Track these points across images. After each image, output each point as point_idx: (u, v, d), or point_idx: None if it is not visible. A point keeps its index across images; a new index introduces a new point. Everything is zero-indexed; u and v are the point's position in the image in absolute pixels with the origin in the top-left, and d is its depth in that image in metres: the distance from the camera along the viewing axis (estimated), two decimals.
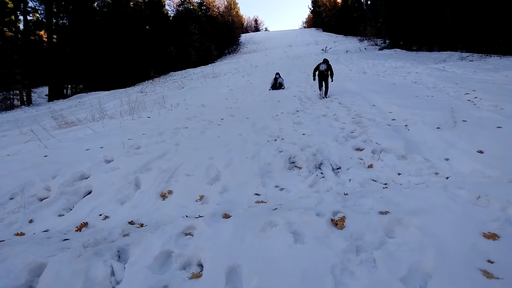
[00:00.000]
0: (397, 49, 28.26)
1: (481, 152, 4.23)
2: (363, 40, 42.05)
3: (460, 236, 2.36)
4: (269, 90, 13.18)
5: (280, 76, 13.49)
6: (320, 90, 10.22)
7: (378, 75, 13.64)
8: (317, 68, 10.23)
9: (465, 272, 2.02)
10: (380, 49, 31.18)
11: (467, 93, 7.75)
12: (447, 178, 3.80)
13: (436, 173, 3.98)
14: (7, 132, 10.12)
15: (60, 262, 2.31)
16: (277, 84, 13.22)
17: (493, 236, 2.32)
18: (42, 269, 2.29)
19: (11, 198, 4.04)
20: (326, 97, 9.94)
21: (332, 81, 10.35)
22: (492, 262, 2.09)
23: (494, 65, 13.09)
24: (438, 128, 5.31)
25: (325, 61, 10.23)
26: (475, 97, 7.19)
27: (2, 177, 4.56)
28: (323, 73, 9.96)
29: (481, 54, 17.57)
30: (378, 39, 37.33)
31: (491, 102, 6.48)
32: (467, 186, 3.20)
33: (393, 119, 6.38)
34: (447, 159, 4.28)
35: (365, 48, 33.97)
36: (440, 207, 2.78)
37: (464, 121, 5.38)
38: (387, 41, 33.94)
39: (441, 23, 24.22)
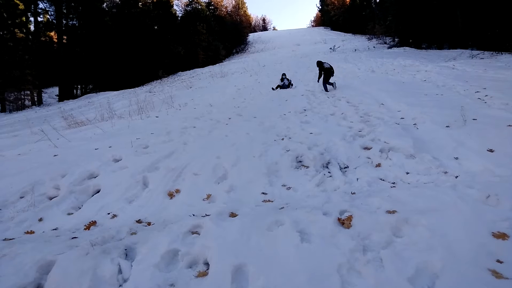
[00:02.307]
0: (406, 47, 27.92)
1: (491, 151, 4.16)
2: (372, 38, 41.71)
3: (469, 235, 2.33)
4: (273, 89, 13.16)
5: (286, 77, 13.47)
6: (327, 86, 11.04)
7: (387, 73, 13.51)
8: (321, 67, 11.09)
9: (474, 272, 2.00)
10: (389, 48, 30.84)
11: (477, 91, 7.63)
12: (456, 177, 3.75)
13: (445, 172, 3.93)
14: (18, 131, 10.27)
15: (69, 260, 2.34)
16: (283, 83, 13.19)
17: (502, 236, 2.28)
18: (51, 267, 2.32)
19: (21, 197, 4.09)
20: (336, 88, 10.93)
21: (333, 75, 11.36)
22: (501, 262, 2.06)
23: (505, 62, 12.88)
24: (447, 126, 5.24)
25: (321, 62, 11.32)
26: (486, 95, 7.08)
27: (13, 176, 4.62)
28: (329, 70, 10.92)
29: (492, 52, 17.30)
30: (387, 37, 36.96)
31: (502, 100, 6.38)
32: (477, 185, 3.15)
33: (401, 118, 6.32)
34: (456, 158, 4.22)
35: (374, 47, 33.65)
36: (449, 206, 2.74)
37: (474, 119, 5.30)
38: (396, 39, 33.60)
39: (451, 20, 23.90)
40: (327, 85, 11.07)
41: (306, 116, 7.38)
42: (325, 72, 10.98)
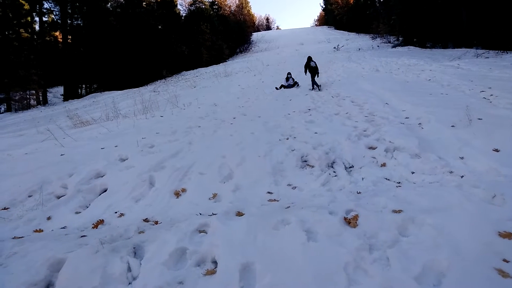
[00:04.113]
0: (411, 46, 27.83)
1: (497, 150, 4.16)
2: (376, 37, 41.63)
3: (474, 235, 2.34)
4: (277, 88, 13.17)
5: (291, 77, 13.50)
6: (312, 83, 11.85)
7: (391, 73, 13.48)
8: (308, 65, 12.03)
9: (480, 271, 2.01)
10: (393, 47, 30.75)
11: (482, 91, 7.60)
12: (462, 177, 3.75)
13: (451, 172, 3.93)
14: (24, 131, 10.35)
15: (79, 258, 2.38)
16: (288, 83, 13.23)
17: (508, 235, 2.29)
18: (61, 265, 2.36)
19: (29, 196, 4.14)
20: (320, 89, 11.53)
21: (318, 76, 12.15)
22: (507, 261, 2.06)
23: (510, 62, 12.81)
24: (452, 126, 5.23)
25: (310, 59, 12.11)
26: (491, 95, 7.05)
27: (21, 175, 4.67)
28: (315, 69, 11.81)
29: (497, 51, 17.20)
30: (391, 37, 36.86)
31: (508, 100, 6.34)
32: (483, 185, 3.15)
33: (406, 118, 6.32)
34: (462, 158, 4.22)
35: (378, 46, 33.58)
36: (454, 205, 2.75)
37: (479, 119, 5.28)
38: (400, 39, 33.48)
39: (455, 19, 23.78)
40: (314, 83, 11.84)
41: (310, 116, 7.38)
42: (310, 71, 11.90)
